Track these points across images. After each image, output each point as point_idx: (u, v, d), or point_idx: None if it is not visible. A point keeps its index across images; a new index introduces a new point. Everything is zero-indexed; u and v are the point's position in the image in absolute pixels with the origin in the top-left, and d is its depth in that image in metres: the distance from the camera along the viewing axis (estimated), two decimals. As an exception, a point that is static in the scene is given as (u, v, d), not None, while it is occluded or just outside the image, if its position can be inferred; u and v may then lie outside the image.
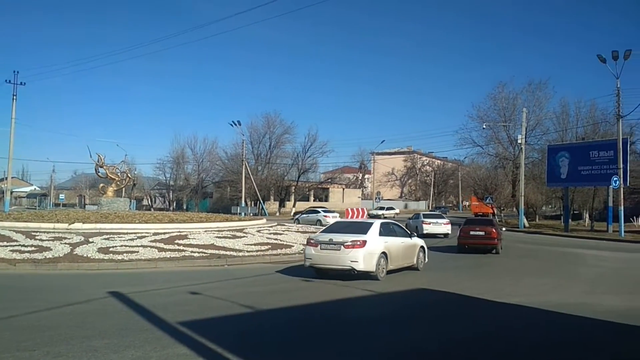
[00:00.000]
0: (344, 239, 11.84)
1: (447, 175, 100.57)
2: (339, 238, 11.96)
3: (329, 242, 11.96)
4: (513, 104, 46.21)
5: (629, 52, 28.74)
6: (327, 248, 11.93)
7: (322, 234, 12.78)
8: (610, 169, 31.02)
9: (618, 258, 18.84)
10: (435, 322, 8.17)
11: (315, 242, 12.23)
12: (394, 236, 13.25)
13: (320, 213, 38.81)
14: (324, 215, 37.73)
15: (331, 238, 12.06)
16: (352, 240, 11.72)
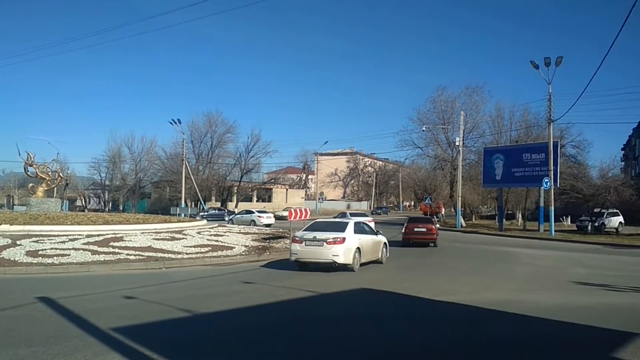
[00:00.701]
0: (326, 237, 13.57)
1: (388, 176, 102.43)
2: (321, 236, 13.68)
3: (313, 239, 13.70)
4: (451, 107, 47.74)
5: (560, 58, 30.27)
6: (311, 244, 13.65)
7: (306, 232, 14.27)
8: (542, 171, 32.54)
9: (549, 256, 19.71)
10: (373, 323, 8.20)
11: (301, 239, 13.88)
12: (365, 234, 15.19)
13: (255, 214, 38.80)
14: (258, 215, 37.76)
15: (315, 236, 13.78)
16: (333, 238, 13.49)
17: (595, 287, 11.62)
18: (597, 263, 17.39)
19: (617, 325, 7.58)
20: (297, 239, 14.03)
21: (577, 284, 12.13)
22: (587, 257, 19.63)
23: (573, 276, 13.55)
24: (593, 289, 11.42)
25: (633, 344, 6.46)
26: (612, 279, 13.00)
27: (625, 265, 16.63)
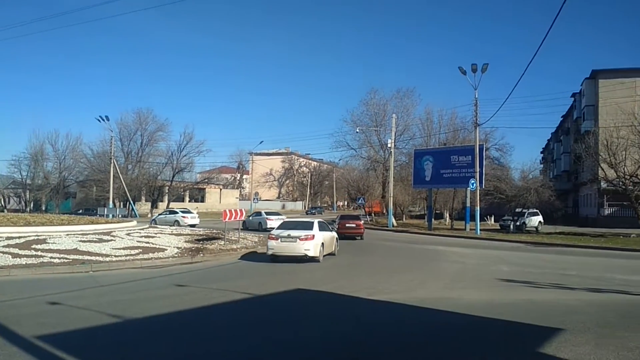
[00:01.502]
0: (299, 234, 16.12)
1: (322, 176, 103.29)
2: (294, 233, 16.18)
3: (288, 236, 16.16)
4: (384, 110, 48.88)
5: (486, 65, 31.69)
6: (286, 240, 16.10)
7: (280, 231, 16.64)
8: (468, 173, 33.93)
9: (475, 254, 20.58)
10: (302, 325, 8.22)
11: (276, 236, 16.29)
12: (325, 231, 17.76)
13: (179, 214, 38.08)
14: (182, 216, 37.16)
15: (289, 233, 16.23)
16: (305, 235, 16.11)
17: (519, 284, 12.24)
18: (520, 261, 18.34)
19: (541, 320, 8.02)
20: (273, 237, 16.31)
21: (502, 281, 12.73)
22: (510, 255, 20.66)
23: (498, 273, 14.22)
24: (517, 286, 12.03)
25: (557, 339, 6.85)
26: (534, 276, 13.74)
27: (546, 263, 17.63)
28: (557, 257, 19.98)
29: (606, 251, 22.65)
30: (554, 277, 13.45)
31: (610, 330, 7.40)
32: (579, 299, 10.25)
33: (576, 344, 6.60)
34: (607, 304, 9.63)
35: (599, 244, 25.09)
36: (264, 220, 32.47)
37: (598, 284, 12.34)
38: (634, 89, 45.33)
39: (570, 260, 18.49)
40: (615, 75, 48.30)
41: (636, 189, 31.50)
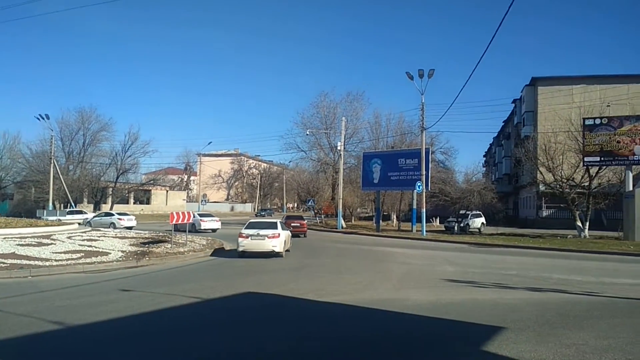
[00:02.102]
0: (266, 233, 18.49)
1: (272, 178, 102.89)
2: (263, 232, 18.53)
3: (257, 235, 18.45)
4: (334, 113, 49.26)
5: (432, 71, 32.54)
6: (255, 239, 18.39)
7: (249, 230, 18.69)
8: (415, 175, 34.69)
9: (422, 255, 21.07)
10: (254, 327, 8.19)
11: (246, 235, 18.45)
12: (284, 230, 20.28)
13: (115, 216, 37.61)
14: (118, 218, 36.75)
15: (258, 232, 18.52)
16: (272, 234, 18.54)
17: (463, 284, 12.62)
18: (464, 261, 18.90)
19: (484, 319, 8.32)
20: (244, 235, 18.48)
21: (447, 282, 13.10)
22: (455, 255, 21.27)
23: (443, 274, 14.61)
24: (461, 286, 12.40)
25: (500, 337, 7.12)
26: (477, 276, 14.21)
27: (488, 263, 18.26)
28: (499, 257, 20.74)
29: (544, 251, 23.71)
30: (496, 277, 13.96)
31: (549, 328, 7.75)
32: (520, 298, 10.68)
33: (517, 341, 6.89)
34: (546, 303, 10.07)
35: (538, 245, 26.24)
36: (198, 222, 33.40)
37: (537, 283, 12.90)
38: (570, 96, 47.64)
39: (511, 261, 19.23)
40: (553, 82, 50.72)
41: (572, 192, 33.14)
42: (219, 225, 34.59)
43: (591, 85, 48.67)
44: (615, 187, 33.62)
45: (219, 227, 34.49)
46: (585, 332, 7.50)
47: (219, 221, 35.54)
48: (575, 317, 8.65)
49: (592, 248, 24.19)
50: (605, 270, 16.17)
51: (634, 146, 28.98)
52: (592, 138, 30.31)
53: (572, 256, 21.60)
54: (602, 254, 22.31)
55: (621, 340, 6.98)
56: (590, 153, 30.47)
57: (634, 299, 10.59)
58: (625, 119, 30.43)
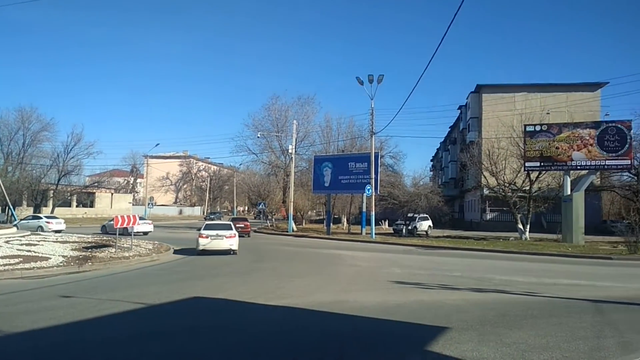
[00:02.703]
0: (224, 234, 21.19)
1: (222, 181, 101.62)
2: (221, 233, 21.18)
3: (216, 235, 21.00)
4: (285, 116, 49.17)
5: (381, 77, 33.06)
6: (215, 239, 20.90)
7: (209, 231, 21.19)
8: (365, 179, 35.12)
9: (371, 257, 21.33)
10: (198, 333, 8.05)
11: (206, 235, 20.92)
12: (236, 231, 22.48)
13: (43, 219, 37.06)
14: (47, 221, 36.17)
15: (217, 233, 21.10)
16: (229, 234, 21.30)
17: (410, 286, 12.85)
18: (411, 263, 19.26)
19: (430, 320, 8.50)
20: (204, 236, 20.93)
21: (394, 283, 13.29)
22: (403, 257, 21.65)
23: (391, 276, 14.83)
24: (408, 288, 12.61)
25: (444, 337, 7.29)
26: (424, 277, 14.51)
27: (434, 265, 18.67)
28: (445, 259, 21.26)
29: (488, 253, 24.52)
30: (442, 279, 14.30)
31: (490, 327, 8.00)
32: (464, 298, 10.97)
33: (460, 341, 7.07)
34: (488, 303, 10.39)
35: (482, 247, 27.10)
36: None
37: (480, 284, 13.30)
38: (513, 103, 49.55)
39: (456, 262, 19.75)
40: (496, 90, 52.59)
41: (514, 196, 34.44)
42: (151, 228, 34.96)
43: (532, 93, 50.87)
44: (554, 191, 35.19)
45: (151, 229, 34.77)
46: (524, 331, 7.78)
47: (152, 224, 36.23)
48: (516, 316, 8.97)
49: (533, 250, 25.20)
50: (545, 271, 16.87)
51: (572, 152, 30.41)
52: (532, 144, 31.60)
53: (514, 258, 22.42)
54: (542, 256, 23.29)
55: (558, 339, 7.29)
56: (530, 158, 31.75)
57: (570, 299, 11.09)
58: (563, 126, 31.90)
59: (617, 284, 14.20)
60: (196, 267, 16.79)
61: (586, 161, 30.26)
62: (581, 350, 6.70)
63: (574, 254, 23.58)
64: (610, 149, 29.56)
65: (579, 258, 22.31)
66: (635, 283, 14.38)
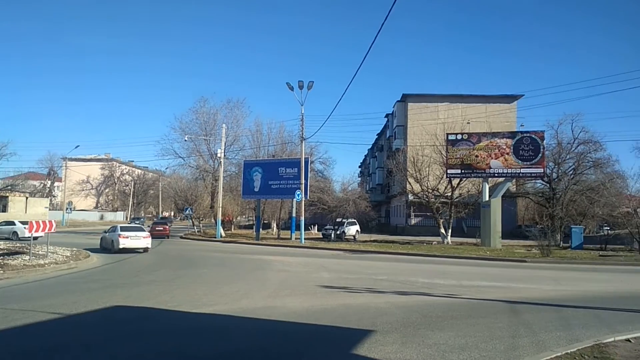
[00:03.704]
0: (141, 234, 25.22)
1: (147, 185, 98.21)
2: (139, 234, 25.14)
3: (135, 236, 24.74)
4: (214, 119, 48.14)
5: (312, 83, 33.34)
6: (134, 239, 24.62)
7: (127, 232, 24.75)
8: (295, 184, 35.23)
9: (300, 263, 21.37)
10: (118, 343, 7.74)
11: (126, 236, 24.34)
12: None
13: None
14: None
15: (136, 234, 24.95)
16: (145, 235, 25.49)
17: (337, 290, 13.01)
18: (339, 267, 19.52)
19: (356, 324, 8.65)
20: (124, 236, 24.23)
21: (322, 288, 13.41)
22: (331, 262, 21.88)
23: (319, 280, 14.95)
24: (336, 292, 12.77)
25: (369, 340, 7.44)
26: (351, 281, 14.75)
27: (361, 269, 19.01)
28: (371, 263, 21.72)
29: (412, 257, 25.31)
30: (368, 282, 14.59)
31: (414, 329, 8.26)
32: (389, 301, 11.25)
33: (385, 343, 7.25)
34: (412, 305, 10.72)
35: (406, 251, 27.92)
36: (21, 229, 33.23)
37: (405, 287, 13.70)
38: (436, 112, 51.54)
39: (382, 266, 20.24)
40: (421, 99, 54.51)
41: (437, 201, 35.82)
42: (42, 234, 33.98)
43: (454, 103, 53.17)
44: (474, 197, 36.99)
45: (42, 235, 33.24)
46: (445, 332, 8.10)
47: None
48: (437, 318, 9.31)
49: (454, 253, 26.30)
50: (465, 274, 17.64)
51: (490, 160, 32.07)
52: (454, 152, 33.04)
53: (436, 261, 23.29)
54: (462, 259, 24.36)
55: (476, 339, 7.64)
56: (452, 166, 33.18)
57: (488, 300, 11.66)
58: (483, 135, 33.59)
59: (531, 285, 15.09)
60: (117, 275, 16.12)
61: (503, 169, 32.02)
62: (498, 350, 7.07)
63: (492, 257, 24.84)
64: (525, 158, 31.45)
65: (497, 261, 23.52)
66: (548, 285, 15.34)
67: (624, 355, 6.59)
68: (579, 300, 11.71)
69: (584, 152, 37.73)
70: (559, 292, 13.68)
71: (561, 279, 16.79)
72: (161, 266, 18.82)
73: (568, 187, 36.19)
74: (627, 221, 28.38)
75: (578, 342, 7.35)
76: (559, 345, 7.23)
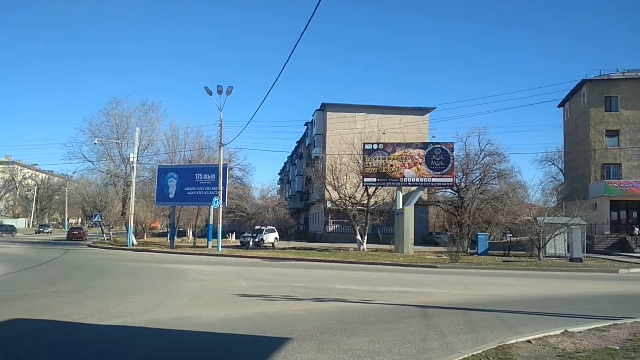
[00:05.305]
0: None
1: (52, 190, 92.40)
2: None
3: None
4: (126, 122, 46.18)
5: (230, 88, 32.89)
6: None
7: None
8: (212, 191, 34.52)
9: (216, 271, 20.95)
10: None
11: None
12: None
13: None
14: None
15: None
16: None
17: (255, 298, 12.89)
18: (257, 275, 19.36)
19: (272, 332, 8.60)
20: None
21: (239, 296, 13.23)
22: (249, 270, 21.65)
23: (236, 289, 14.73)
24: (253, 300, 12.64)
25: (285, 348, 7.42)
26: (269, 289, 14.66)
27: (279, 276, 18.99)
28: (289, 270, 21.74)
29: (330, 264, 25.64)
30: (286, 290, 14.59)
31: (330, 335, 8.35)
32: (306, 308, 11.30)
33: (301, 350, 7.27)
34: (328, 312, 10.84)
35: (324, 257, 28.25)
36: None
37: (322, 293, 13.84)
38: (354, 122, 52.83)
39: (300, 273, 20.32)
40: (340, 109, 55.70)
41: (354, 209, 36.62)
42: None
43: (371, 114, 54.80)
44: (389, 205, 38.17)
45: None
46: (360, 337, 8.26)
47: None
48: (353, 323, 9.48)
49: (369, 260, 26.95)
50: (380, 280, 18.12)
51: (404, 170, 33.30)
52: (370, 161, 34.00)
53: (352, 267, 23.76)
54: (377, 265, 25.03)
55: (390, 343, 7.86)
56: (368, 174, 34.12)
57: (401, 305, 12.04)
58: (397, 145, 34.82)
59: (441, 290, 15.78)
60: (18, 286, 14.95)
61: (416, 178, 33.35)
62: (410, 353, 7.31)
63: (405, 263, 25.73)
64: (436, 168, 32.96)
65: (409, 267, 24.39)
66: (457, 289, 16.11)
67: (525, 355, 7.04)
68: (484, 304, 12.39)
69: (489, 163, 40.00)
70: (466, 296, 14.40)
71: (469, 284, 17.71)
72: (67, 276, 17.68)
73: (475, 196, 38.19)
74: (527, 228, 30.35)
75: (484, 344, 7.75)
76: (466, 347, 7.59)
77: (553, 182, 64.04)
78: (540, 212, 34.53)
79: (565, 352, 7.17)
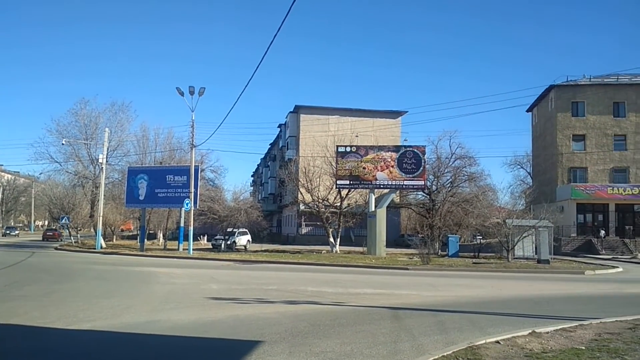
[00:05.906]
0: None
1: (18, 192, 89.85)
2: None
3: None
4: (95, 123, 45.14)
5: (203, 89, 32.48)
6: None
7: None
8: (184, 193, 34.10)
9: (187, 274, 20.69)
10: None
11: None
12: None
13: None
14: None
15: None
16: None
17: (226, 301, 12.78)
18: (229, 278, 19.19)
19: (244, 335, 8.55)
20: None
21: (210, 299, 13.09)
22: (220, 273, 21.45)
23: (208, 292, 14.58)
24: (224, 303, 12.53)
25: (257, 351, 7.37)
26: (241, 292, 14.56)
27: (251, 279, 18.85)
28: (262, 273, 21.63)
29: (302, 266, 25.62)
30: (258, 293, 14.51)
31: (301, 338, 8.34)
32: (278, 311, 11.27)
33: (273, 353, 7.24)
34: (301, 314, 10.82)
35: (297, 260, 28.21)
36: None
37: (294, 296, 13.81)
38: (327, 124, 52.94)
39: (272, 276, 20.22)
40: (313, 111, 55.78)
41: (327, 211, 36.69)
42: None
43: (344, 117, 55.05)
44: (361, 207, 38.37)
45: None
46: (332, 339, 8.27)
47: None
48: (325, 326, 9.49)
49: (342, 262, 27.04)
50: (352, 282, 18.18)
51: (377, 172, 33.53)
52: (343, 164, 34.14)
53: (325, 270, 23.77)
54: (350, 267, 25.12)
55: (361, 345, 7.89)
56: (341, 177, 34.25)
57: (373, 307, 12.11)
58: (370, 148, 35.05)
59: (412, 292, 15.93)
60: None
61: (388, 181, 33.61)
62: (381, 355, 7.35)
63: (377, 265, 25.88)
64: (408, 171, 33.29)
65: (381, 269, 24.54)
66: (428, 291, 16.29)
67: (493, 356, 7.15)
68: (455, 305, 12.56)
69: (460, 167, 40.52)
70: (437, 297, 14.58)
71: (439, 285, 17.92)
72: (33, 280, 17.21)
73: (446, 198, 38.66)
74: (497, 231, 30.91)
75: (454, 344, 7.85)
76: (436, 349, 7.67)
77: (522, 185, 65.46)
78: (509, 215, 35.26)
79: (533, 353, 7.31)
